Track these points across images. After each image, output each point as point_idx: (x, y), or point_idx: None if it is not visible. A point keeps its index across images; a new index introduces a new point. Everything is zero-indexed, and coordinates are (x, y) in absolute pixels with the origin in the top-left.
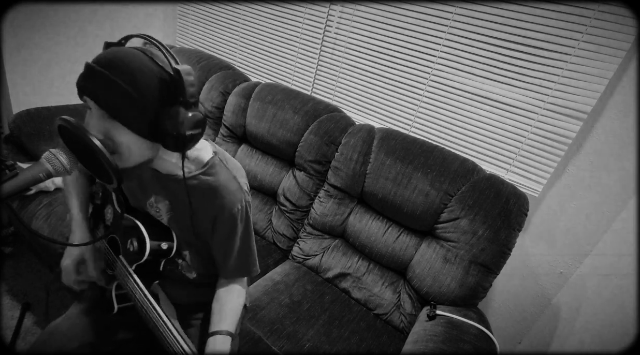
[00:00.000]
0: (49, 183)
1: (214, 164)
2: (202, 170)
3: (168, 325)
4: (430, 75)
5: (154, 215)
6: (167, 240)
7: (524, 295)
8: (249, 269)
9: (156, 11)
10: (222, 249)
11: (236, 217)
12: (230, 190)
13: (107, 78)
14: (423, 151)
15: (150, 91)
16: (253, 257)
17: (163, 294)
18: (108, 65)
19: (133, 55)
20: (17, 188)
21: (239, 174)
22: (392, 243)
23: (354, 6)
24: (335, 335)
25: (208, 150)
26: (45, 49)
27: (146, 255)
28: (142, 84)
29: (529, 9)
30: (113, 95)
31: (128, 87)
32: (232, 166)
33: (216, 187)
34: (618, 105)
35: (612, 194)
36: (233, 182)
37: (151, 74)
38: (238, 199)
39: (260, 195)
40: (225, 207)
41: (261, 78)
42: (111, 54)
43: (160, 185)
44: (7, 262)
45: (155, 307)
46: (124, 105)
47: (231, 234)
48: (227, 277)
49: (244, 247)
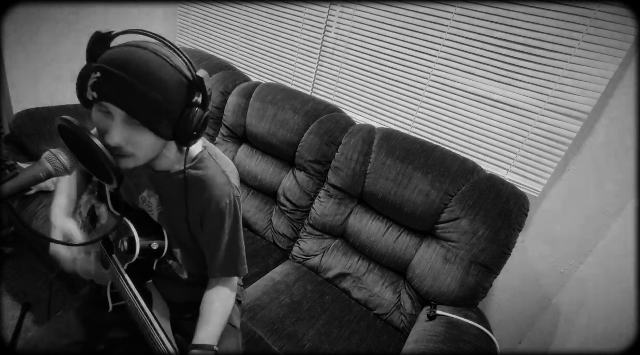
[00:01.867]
0: (49, 183)
1: (203, 158)
2: (191, 164)
3: (154, 325)
4: (430, 75)
5: (145, 210)
6: (158, 238)
7: (524, 295)
8: (237, 267)
9: (156, 11)
10: (210, 245)
11: (224, 211)
12: (218, 183)
13: (136, 86)
14: (423, 151)
15: (174, 95)
16: (241, 256)
17: (157, 292)
18: (133, 72)
19: (151, 59)
20: (18, 188)
21: (228, 169)
22: (392, 243)
23: (354, 6)
24: (336, 335)
25: (198, 144)
26: (45, 49)
27: (136, 255)
28: (168, 88)
29: (529, 9)
30: (141, 102)
31: (157, 94)
32: (221, 161)
33: (204, 180)
34: (618, 106)
35: (612, 193)
36: (221, 175)
37: (173, 77)
38: (226, 193)
39: (260, 195)
40: (213, 200)
41: (261, 78)
42: (124, 55)
43: (152, 180)
44: (7, 262)
45: (142, 307)
46: (152, 111)
47: (219, 228)
48: (215, 276)
49: (231, 243)
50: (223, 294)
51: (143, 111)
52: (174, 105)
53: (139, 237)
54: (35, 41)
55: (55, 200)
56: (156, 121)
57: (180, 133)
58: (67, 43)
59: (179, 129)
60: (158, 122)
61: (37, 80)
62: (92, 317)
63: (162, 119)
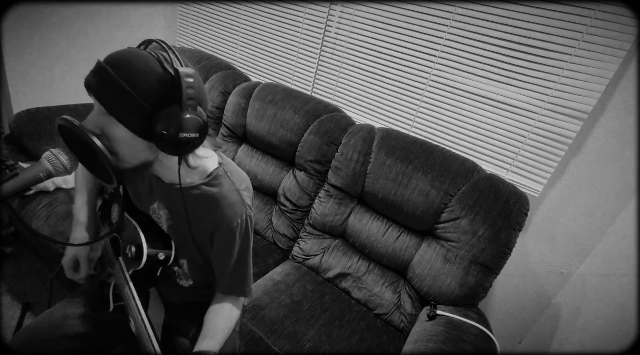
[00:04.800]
0: (49, 183)
1: (218, 175)
2: (205, 180)
3: (149, 332)
4: (430, 75)
5: (156, 221)
6: (166, 248)
7: (524, 295)
8: (243, 289)
9: (156, 11)
10: (218, 263)
11: (235, 231)
12: (231, 202)
13: (108, 75)
14: (423, 151)
15: (148, 90)
16: (248, 278)
17: (156, 294)
18: (113, 63)
19: (139, 56)
20: (18, 188)
21: (242, 187)
22: (392, 243)
23: (354, 6)
24: (336, 335)
25: (214, 160)
26: (45, 49)
27: (142, 264)
28: (141, 81)
29: (529, 9)
30: (110, 91)
31: (125, 84)
32: (237, 179)
33: (217, 198)
34: (618, 105)
35: (612, 193)
36: (235, 194)
37: (152, 73)
38: (238, 213)
39: (260, 195)
40: (225, 220)
41: (261, 78)
42: (120, 52)
43: (162, 193)
44: (7, 262)
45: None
46: (119, 101)
47: (228, 248)
48: (222, 292)
49: (239, 264)
50: (228, 312)
51: (107, 97)
52: (143, 96)
53: (147, 246)
54: (35, 41)
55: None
56: (119, 108)
57: (152, 132)
58: (67, 43)
59: (150, 126)
60: (120, 109)
61: (37, 80)
62: (92, 314)
63: (126, 108)
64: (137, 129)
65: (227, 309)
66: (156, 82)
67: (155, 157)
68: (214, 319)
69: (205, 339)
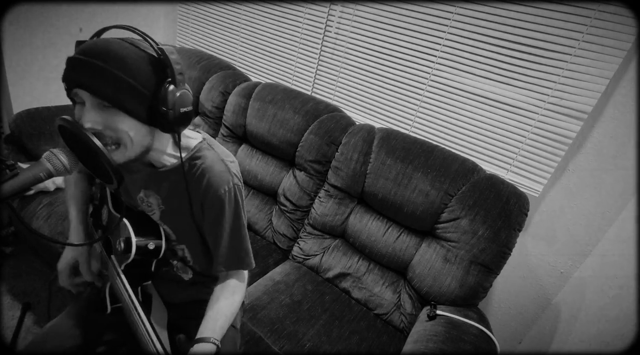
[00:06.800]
0: (49, 183)
1: (201, 148)
2: (190, 154)
3: (146, 326)
4: (430, 75)
5: (145, 211)
6: (155, 238)
7: (524, 295)
8: (242, 259)
9: (156, 11)
10: (212, 236)
11: (223, 199)
12: (217, 171)
13: (98, 67)
14: (423, 151)
15: (142, 74)
16: (244, 247)
17: (156, 295)
18: (95, 54)
19: (115, 43)
20: (18, 188)
21: (227, 158)
22: (392, 243)
23: (354, 6)
24: (336, 335)
25: (197, 137)
26: (45, 49)
27: (132, 255)
28: (133, 67)
29: (529, 9)
30: (109, 83)
31: (120, 72)
32: (221, 151)
33: (204, 168)
34: (618, 105)
35: (612, 193)
36: (220, 163)
37: (138, 57)
38: (225, 181)
39: (260, 195)
40: (212, 188)
41: (261, 78)
42: (92, 44)
43: (150, 178)
44: (7, 262)
45: (136, 307)
46: (121, 92)
47: (219, 217)
48: (220, 271)
49: (233, 233)
50: (227, 291)
51: (108, 91)
52: (141, 83)
53: (136, 237)
54: (35, 41)
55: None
56: (123, 99)
57: (157, 114)
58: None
59: (154, 110)
60: (125, 100)
61: (37, 81)
62: (90, 319)
63: (130, 97)
64: (142, 115)
65: (229, 290)
66: (147, 66)
67: (153, 142)
68: (215, 303)
69: (208, 323)
